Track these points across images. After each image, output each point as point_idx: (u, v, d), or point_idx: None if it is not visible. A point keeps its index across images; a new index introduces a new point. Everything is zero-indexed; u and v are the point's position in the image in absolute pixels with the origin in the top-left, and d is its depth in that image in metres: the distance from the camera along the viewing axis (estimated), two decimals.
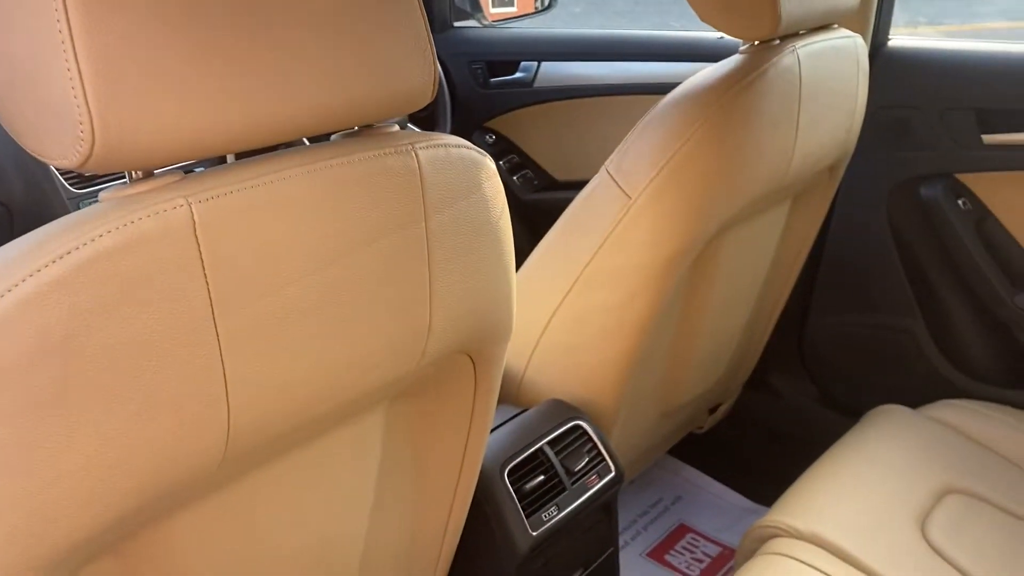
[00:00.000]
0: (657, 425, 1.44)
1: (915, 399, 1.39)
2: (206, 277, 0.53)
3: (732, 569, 1.41)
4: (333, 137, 0.65)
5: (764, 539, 1.12)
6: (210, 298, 0.53)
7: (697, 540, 1.62)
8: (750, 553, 1.12)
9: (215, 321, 0.54)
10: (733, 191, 1.08)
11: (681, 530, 1.64)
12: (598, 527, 1.17)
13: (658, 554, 1.58)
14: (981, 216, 1.44)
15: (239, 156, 0.64)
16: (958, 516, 1.14)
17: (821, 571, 1.02)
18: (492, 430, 1.11)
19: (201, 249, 0.52)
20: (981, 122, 1.40)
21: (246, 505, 0.67)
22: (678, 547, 1.60)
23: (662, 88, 1.62)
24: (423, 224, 0.65)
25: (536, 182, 1.93)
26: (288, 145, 0.65)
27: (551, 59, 1.86)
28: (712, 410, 1.63)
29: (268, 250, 0.56)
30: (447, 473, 0.90)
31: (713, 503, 1.70)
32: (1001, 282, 1.40)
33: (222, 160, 1.10)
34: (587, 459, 1.12)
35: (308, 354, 0.60)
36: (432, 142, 0.67)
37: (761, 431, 1.71)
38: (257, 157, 0.58)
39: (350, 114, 0.60)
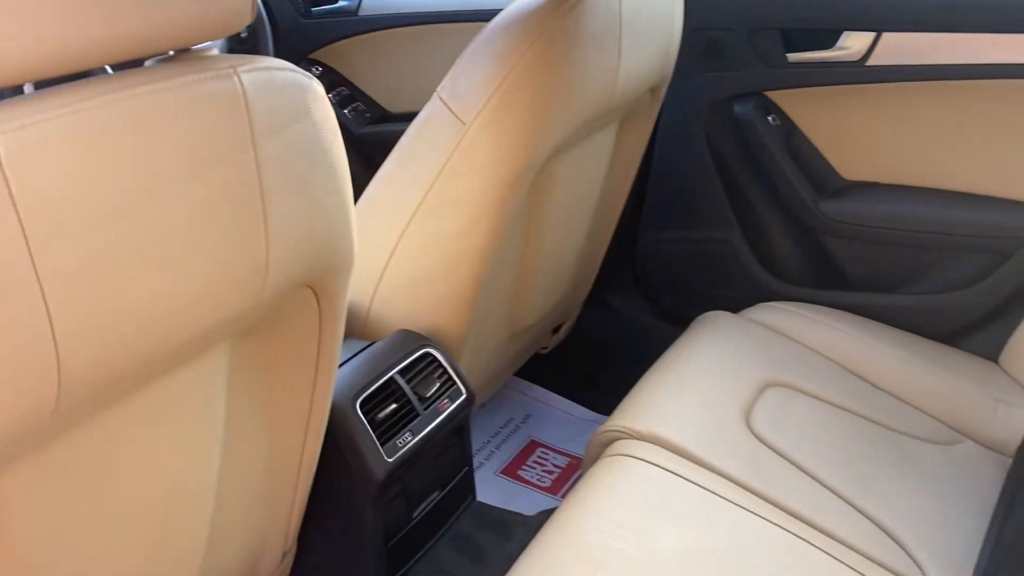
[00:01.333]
0: (505, 348, 1.48)
1: (737, 305, 1.50)
2: (18, 214, 0.49)
3: (581, 476, 1.49)
4: (147, 63, 0.62)
5: (607, 443, 1.19)
6: (24, 236, 0.50)
7: (547, 453, 1.69)
8: (595, 458, 1.19)
9: (33, 261, 0.51)
10: (565, 113, 1.11)
11: (532, 446, 1.71)
12: (452, 449, 1.20)
13: (511, 470, 1.65)
14: (789, 130, 1.55)
15: (39, 85, 0.59)
16: (777, 406, 1.26)
17: (658, 466, 1.10)
18: (342, 364, 1.11)
19: (9, 183, 0.49)
20: (786, 41, 1.49)
21: (85, 455, 0.65)
22: (530, 461, 1.67)
23: (487, 15, 1.63)
24: (252, 152, 0.63)
25: (368, 115, 1.89)
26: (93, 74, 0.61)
27: None
28: (555, 330, 1.70)
29: (83, 183, 0.53)
30: (298, 409, 0.90)
31: (561, 418, 1.78)
32: (807, 191, 1.52)
33: (19, 90, 1.01)
34: (438, 385, 1.14)
35: (139, 293, 0.57)
36: (256, 65, 0.64)
37: (601, 346, 1.79)
38: (62, 85, 0.54)
39: (163, 37, 0.57)
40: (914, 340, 1.44)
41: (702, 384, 1.27)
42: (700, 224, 1.63)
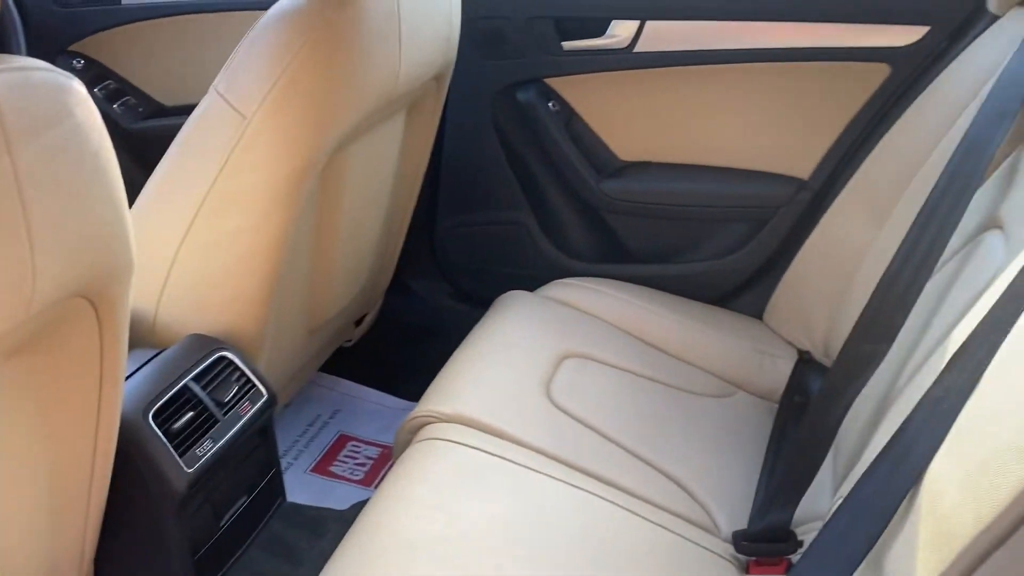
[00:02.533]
0: (306, 344, 1.46)
1: (533, 283, 1.56)
2: None
3: (392, 464, 1.50)
4: None
5: (416, 429, 1.21)
6: None
7: (358, 446, 1.69)
8: (406, 444, 1.20)
9: None
10: (348, 103, 1.11)
11: (342, 440, 1.70)
12: (258, 452, 1.18)
13: (322, 467, 1.63)
14: (569, 115, 1.63)
15: None
16: (574, 376, 1.33)
17: (467, 445, 1.14)
18: (129, 376, 1.05)
19: None
20: (560, 30, 1.56)
21: None
22: (341, 456, 1.66)
23: (262, 4, 1.58)
24: (7, 158, 0.59)
25: (141, 109, 1.78)
26: None
27: None
28: (358, 322, 1.69)
29: None
30: (83, 428, 0.84)
31: (371, 410, 1.78)
32: (589, 172, 1.60)
33: None
34: (236, 388, 1.11)
35: None
36: (6, 65, 0.60)
37: (406, 334, 1.81)
38: None
39: None
40: (690, 304, 1.57)
41: (503, 362, 1.32)
42: (494, 207, 1.68)
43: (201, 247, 1.11)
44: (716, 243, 1.60)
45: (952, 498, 0.71)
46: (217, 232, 1.11)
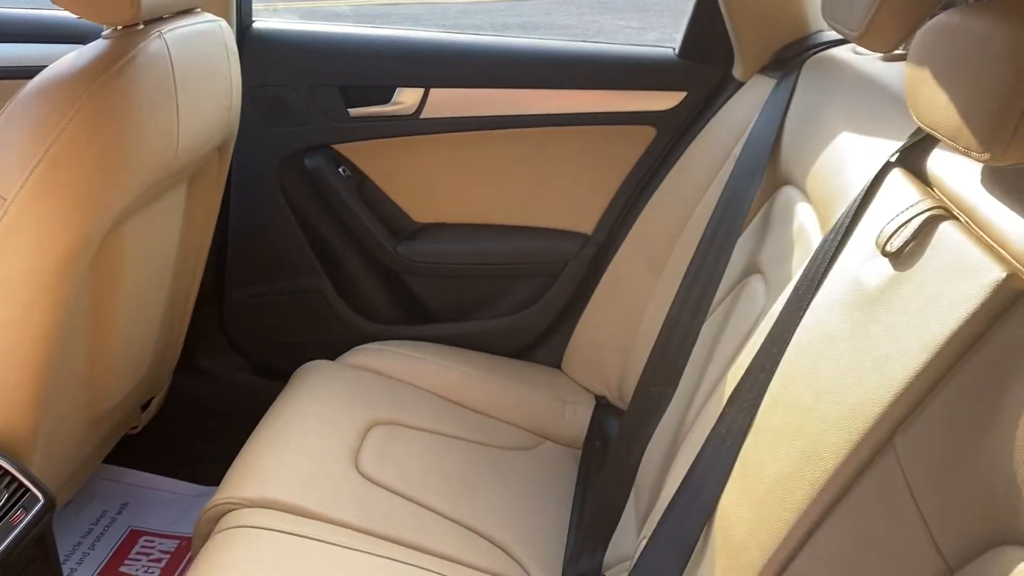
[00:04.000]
0: (88, 435, 1.34)
1: (334, 351, 1.53)
2: None
3: (192, 557, 1.41)
4: None
5: (217, 518, 1.14)
6: None
7: (152, 540, 1.57)
8: (206, 536, 1.13)
9: None
10: (120, 181, 1.05)
11: (133, 536, 1.57)
12: (35, 564, 1.06)
13: (112, 569, 1.49)
14: (360, 180, 1.63)
15: None
16: (382, 444, 1.31)
17: (273, 529, 1.09)
18: None
19: None
20: (346, 97, 1.57)
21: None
22: (133, 554, 1.53)
23: (19, 72, 1.46)
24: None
25: None
26: None
27: None
28: (145, 406, 1.58)
29: None
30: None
31: (163, 499, 1.66)
32: (385, 236, 1.61)
33: None
34: (7, 495, 1.00)
35: None
36: None
37: (198, 415, 1.71)
38: None
39: None
40: (492, 359, 1.60)
41: (307, 436, 1.28)
42: (287, 275, 1.64)
43: None
44: (512, 299, 1.65)
45: (742, 530, 0.77)
46: None
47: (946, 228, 0.68)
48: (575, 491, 1.36)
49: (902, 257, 0.70)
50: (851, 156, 0.99)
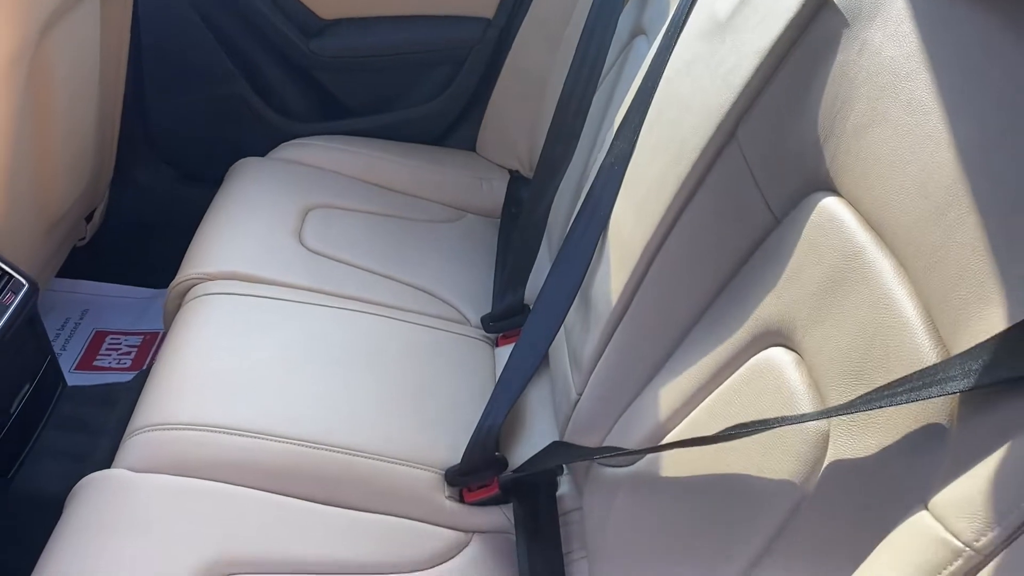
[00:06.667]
0: (42, 243, 1.44)
1: (260, 153, 1.64)
2: None
3: (161, 341, 1.55)
4: None
5: (183, 293, 1.29)
6: None
7: (117, 338, 1.71)
8: (176, 309, 1.28)
9: None
10: None
11: (99, 336, 1.71)
12: (29, 341, 1.20)
13: (86, 364, 1.64)
14: None
15: None
16: (321, 224, 1.46)
17: (235, 293, 1.24)
18: None
19: None
20: None
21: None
22: (103, 350, 1.68)
23: None
24: None
25: None
26: None
27: None
28: (88, 219, 1.67)
29: None
30: None
31: (120, 304, 1.79)
32: (296, 34, 1.66)
33: None
34: None
35: None
36: None
37: (139, 225, 1.80)
38: None
39: None
40: (412, 147, 1.73)
41: (252, 221, 1.42)
42: (206, 82, 1.70)
43: None
44: (423, 88, 1.76)
45: (628, 227, 0.96)
46: None
47: None
48: (496, 252, 1.55)
49: None
50: None
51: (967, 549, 0.43)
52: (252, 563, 0.91)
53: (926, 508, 0.49)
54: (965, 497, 0.45)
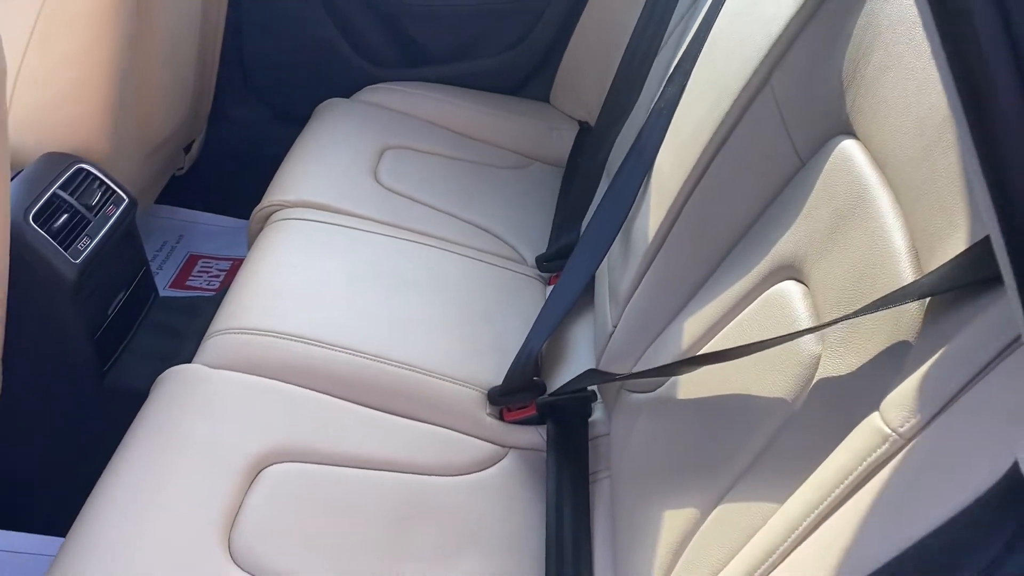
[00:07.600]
0: (145, 166, 1.58)
1: (347, 91, 1.74)
2: None
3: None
4: None
5: (266, 218, 1.41)
6: None
7: (208, 262, 1.86)
8: (259, 231, 1.40)
9: None
10: None
11: (192, 260, 1.86)
12: (128, 252, 1.34)
13: (180, 283, 1.79)
14: None
15: None
16: (395, 163, 1.55)
17: (311, 220, 1.35)
18: None
19: None
20: None
21: None
22: (195, 272, 1.82)
23: None
24: None
25: None
26: None
27: None
28: (187, 149, 1.81)
29: None
30: None
31: (212, 231, 1.94)
32: None
33: None
34: (100, 194, 1.25)
35: None
36: None
37: (232, 158, 1.94)
38: None
39: None
40: (488, 96, 1.80)
41: (333, 157, 1.52)
42: (299, 27, 1.81)
43: (41, 72, 1.22)
44: (502, 38, 1.82)
45: (668, 168, 1.01)
46: (52, 59, 1.22)
47: None
48: (559, 195, 1.61)
49: None
50: None
51: (893, 434, 0.49)
52: (307, 453, 1.01)
53: (878, 410, 0.54)
54: (902, 393, 0.50)
